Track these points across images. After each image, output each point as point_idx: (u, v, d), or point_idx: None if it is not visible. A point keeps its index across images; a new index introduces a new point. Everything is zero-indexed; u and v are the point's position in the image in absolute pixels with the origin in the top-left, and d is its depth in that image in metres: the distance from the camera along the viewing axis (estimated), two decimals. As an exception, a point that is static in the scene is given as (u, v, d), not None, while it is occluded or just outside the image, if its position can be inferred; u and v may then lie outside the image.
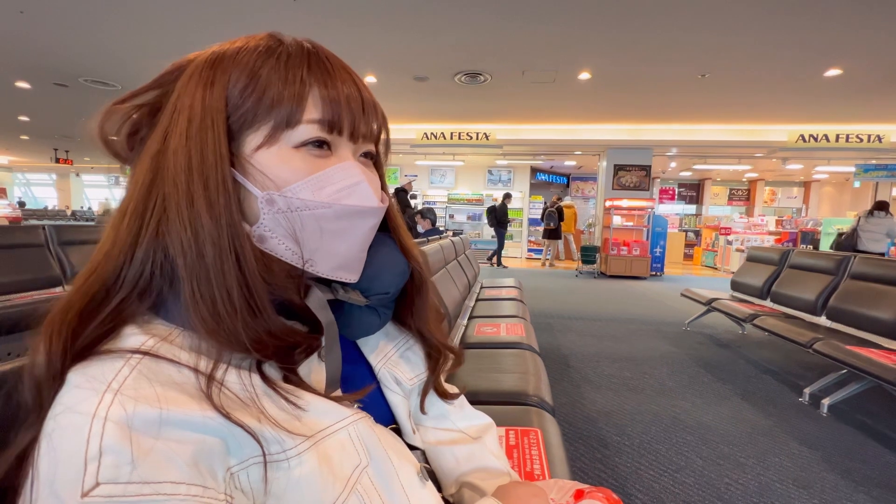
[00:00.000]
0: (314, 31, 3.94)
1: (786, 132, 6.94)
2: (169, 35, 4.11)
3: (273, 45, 0.36)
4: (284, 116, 0.34)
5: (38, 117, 7.92)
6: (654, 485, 1.57)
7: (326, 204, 0.35)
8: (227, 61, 0.34)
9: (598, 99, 5.87)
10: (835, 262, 2.94)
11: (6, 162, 14.20)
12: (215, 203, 0.32)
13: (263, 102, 0.34)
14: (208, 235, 0.31)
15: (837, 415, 2.21)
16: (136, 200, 0.32)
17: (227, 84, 0.34)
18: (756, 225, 9.29)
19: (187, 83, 0.34)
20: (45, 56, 4.68)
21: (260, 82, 0.34)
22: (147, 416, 0.26)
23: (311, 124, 0.34)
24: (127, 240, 0.32)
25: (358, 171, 0.37)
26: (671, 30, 3.77)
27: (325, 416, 0.34)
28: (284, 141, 0.34)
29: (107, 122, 0.35)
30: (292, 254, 0.35)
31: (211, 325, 0.31)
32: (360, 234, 0.37)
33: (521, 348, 1.89)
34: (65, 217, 11.27)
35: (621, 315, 4.44)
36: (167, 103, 0.35)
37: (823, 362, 2.31)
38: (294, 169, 0.34)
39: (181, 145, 0.32)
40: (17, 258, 2.49)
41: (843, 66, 4.42)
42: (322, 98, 0.35)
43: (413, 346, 0.49)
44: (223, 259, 0.31)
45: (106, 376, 0.27)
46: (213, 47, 0.37)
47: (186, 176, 0.31)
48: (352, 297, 0.40)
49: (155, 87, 0.36)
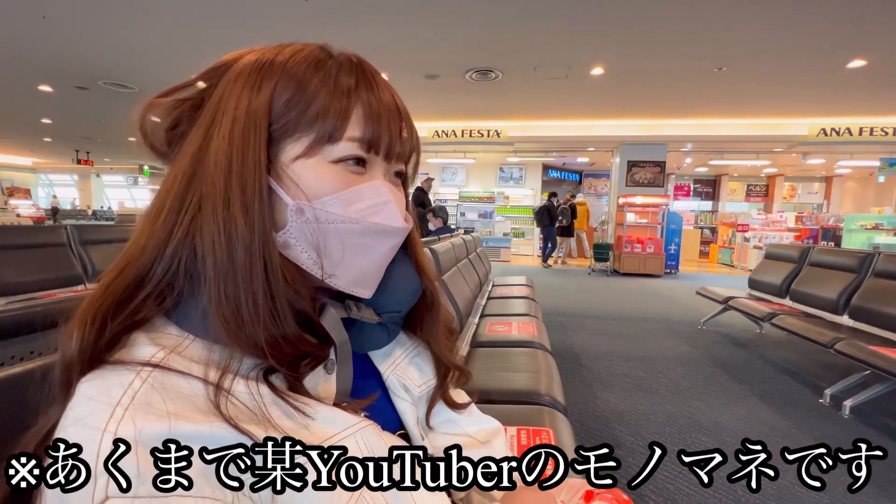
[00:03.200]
0: (325, 29, 3.96)
1: (806, 126, 6.75)
2: (185, 38, 4.18)
3: (322, 58, 0.36)
4: (327, 132, 0.34)
5: (60, 120, 8.15)
6: (668, 486, 1.55)
7: (354, 220, 0.35)
8: (276, 68, 0.35)
9: (611, 94, 5.79)
10: (858, 260, 2.86)
11: (30, 163, 14.66)
12: (251, 208, 0.32)
13: (307, 114, 0.34)
14: (241, 239, 0.32)
15: (860, 417, 2.15)
16: (174, 196, 0.33)
17: (274, 91, 0.34)
18: (775, 221, 9.07)
19: (233, 84, 0.34)
20: (66, 60, 4.81)
21: (307, 94, 0.34)
22: (156, 432, 0.26)
23: (352, 142, 0.35)
24: (161, 235, 0.32)
25: (387, 190, 0.37)
26: (686, 23, 3.69)
27: (332, 424, 0.34)
28: (323, 155, 0.35)
29: (147, 116, 0.36)
30: (313, 263, 0.35)
31: (233, 326, 0.31)
32: (382, 253, 0.38)
33: (532, 347, 1.88)
34: (86, 216, 11.53)
35: (635, 314, 4.38)
36: (210, 100, 0.35)
37: (845, 363, 2.25)
38: (328, 183, 0.35)
39: (223, 147, 0.32)
40: (41, 257, 2.57)
41: (867, 56, 4.27)
42: (365, 117, 0.35)
43: (422, 353, 0.49)
44: (253, 263, 0.32)
45: (117, 390, 0.27)
46: (258, 50, 0.37)
47: (225, 178, 0.32)
48: (364, 316, 0.41)
49: (204, 79, 0.36)
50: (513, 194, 10.94)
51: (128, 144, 10.74)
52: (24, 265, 2.46)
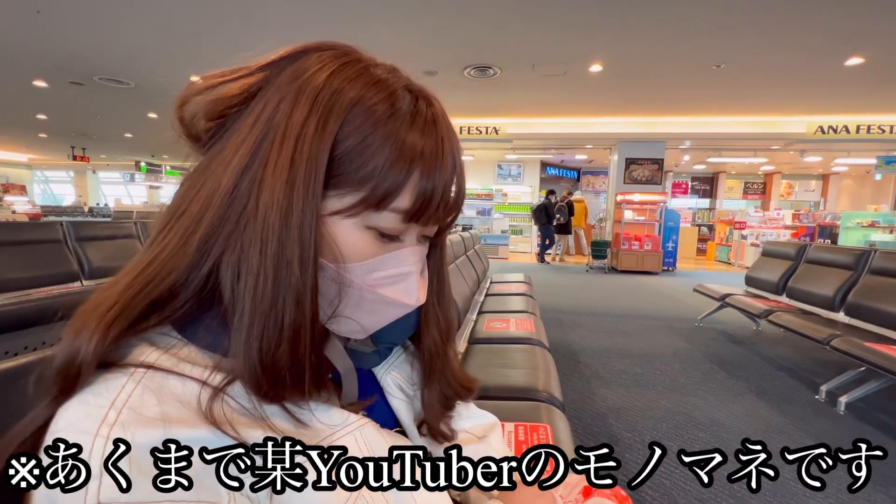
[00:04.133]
0: (324, 26, 3.94)
1: (804, 123, 6.76)
2: (181, 33, 4.15)
3: (397, 103, 0.33)
4: (377, 198, 0.32)
5: (55, 115, 8.09)
6: (664, 482, 1.56)
7: (370, 289, 0.34)
8: (347, 104, 0.31)
9: (609, 91, 5.78)
10: (854, 257, 2.87)
11: (26, 160, 14.56)
12: (306, 261, 0.30)
13: (361, 173, 0.31)
14: (293, 288, 0.30)
15: (855, 413, 2.16)
16: (215, 213, 0.30)
17: (336, 134, 0.31)
18: (772, 219, 9.11)
19: (295, 99, 0.31)
20: (61, 55, 4.77)
21: (367, 151, 0.31)
22: (149, 434, 0.25)
23: (397, 214, 0.33)
24: (197, 246, 0.30)
25: (411, 261, 0.36)
26: (685, 20, 3.68)
27: (330, 422, 0.34)
28: (362, 218, 0.32)
29: (189, 102, 0.33)
30: (321, 311, 0.34)
31: (267, 365, 0.30)
32: (388, 318, 0.37)
33: (530, 344, 1.89)
34: (82, 213, 11.47)
35: (632, 311, 4.39)
36: (262, 99, 0.32)
37: (841, 359, 2.26)
38: (356, 249, 0.33)
39: (280, 188, 0.30)
40: (36, 254, 2.55)
41: (865, 54, 4.28)
42: (418, 190, 0.33)
43: (416, 351, 0.49)
44: (302, 315, 0.31)
45: (110, 393, 0.26)
46: (327, 57, 0.33)
47: (282, 221, 0.30)
48: (360, 347, 0.41)
49: (257, 73, 0.33)
50: (511, 191, 10.94)
51: (124, 140, 10.68)
52: (20, 262, 2.44)
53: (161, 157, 13.59)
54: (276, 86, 0.32)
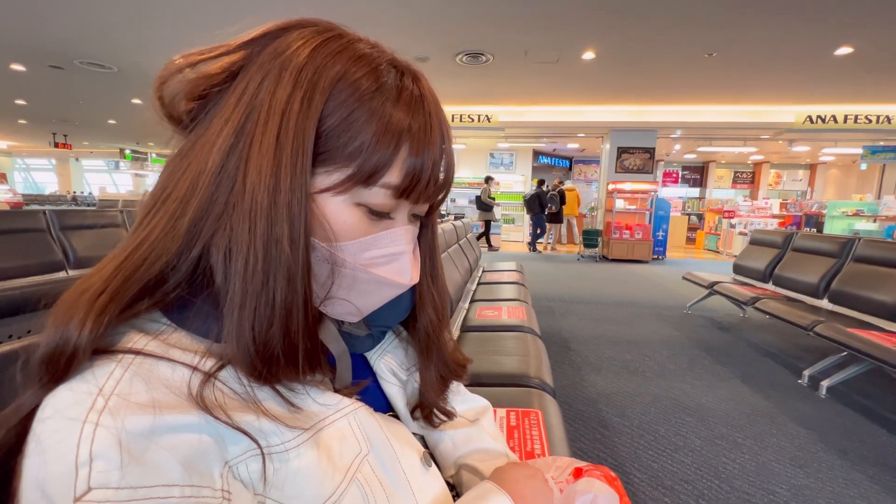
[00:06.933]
0: (310, 10, 3.84)
1: (793, 113, 6.81)
2: (164, 16, 4.01)
3: (382, 78, 0.32)
4: (365, 174, 0.31)
5: (34, 101, 7.84)
6: (652, 464, 1.60)
7: (363, 269, 0.34)
8: (332, 79, 0.31)
9: (602, 80, 5.76)
10: (839, 245, 2.92)
11: (5, 147, 14.15)
12: (296, 240, 0.30)
13: (349, 148, 0.31)
14: (283, 267, 0.29)
15: (836, 396, 2.23)
16: (203, 193, 0.30)
17: (322, 109, 0.30)
18: (760, 208, 9.21)
19: (278, 76, 0.30)
20: (39, 38, 4.60)
21: (355, 125, 0.31)
22: (138, 420, 0.25)
23: (386, 189, 0.32)
24: (187, 228, 0.30)
25: (405, 240, 0.36)
26: (678, 7, 3.66)
27: (324, 406, 0.34)
28: (351, 195, 0.32)
29: (168, 82, 0.32)
30: (314, 293, 0.34)
31: (260, 345, 0.30)
32: (382, 299, 0.37)
33: (522, 331, 1.90)
34: (66, 202, 11.22)
35: (622, 298, 4.45)
36: (245, 77, 0.31)
37: (824, 345, 2.32)
38: (347, 227, 0.33)
39: (267, 165, 0.29)
40: (19, 243, 2.50)
41: (854, 44, 4.30)
42: (407, 166, 0.32)
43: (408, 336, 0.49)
44: (294, 293, 0.30)
45: (98, 379, 0.26)
46: (308, 33, 0.32)
47: (270, 198, 0.29)
48: (354, 330, 0.41)
49: (238, 51, 0.32)
50: (503, 180, 10.92)
51: (108, 127, 10.41)
52: (2, 251, 2.39)
53: (146, 145, 13.28)
54: (259, 63, 0.31)
